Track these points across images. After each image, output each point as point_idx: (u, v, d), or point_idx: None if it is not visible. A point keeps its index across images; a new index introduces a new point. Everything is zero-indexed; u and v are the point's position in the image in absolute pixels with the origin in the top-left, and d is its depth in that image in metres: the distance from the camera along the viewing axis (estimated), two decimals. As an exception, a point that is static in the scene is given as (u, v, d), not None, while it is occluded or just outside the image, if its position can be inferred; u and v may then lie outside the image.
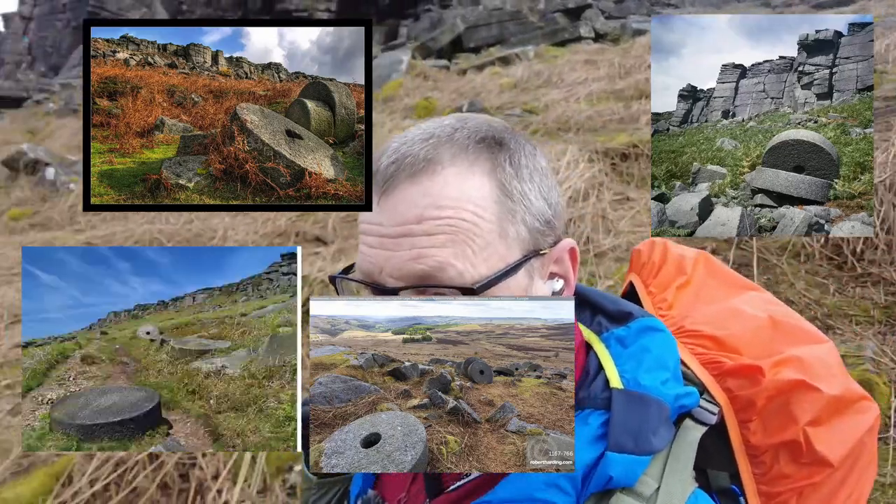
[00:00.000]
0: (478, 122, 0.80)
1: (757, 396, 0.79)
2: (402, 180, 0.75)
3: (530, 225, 0.77)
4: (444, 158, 0.75)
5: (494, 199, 0.75)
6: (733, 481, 0.81)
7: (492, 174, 0.76)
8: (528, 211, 0.77)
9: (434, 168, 0.74)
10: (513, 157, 0.77)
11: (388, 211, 0.75)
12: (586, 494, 0.70)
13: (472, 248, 0.73)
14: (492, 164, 0.76)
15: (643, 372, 0.77)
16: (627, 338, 0.82)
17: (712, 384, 0.82)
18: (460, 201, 0.73)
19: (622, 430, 0.71)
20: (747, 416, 0.80)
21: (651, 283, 1.00)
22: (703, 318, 0.90)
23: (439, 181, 0.74)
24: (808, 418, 0.77)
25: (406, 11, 32.86)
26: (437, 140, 0.76)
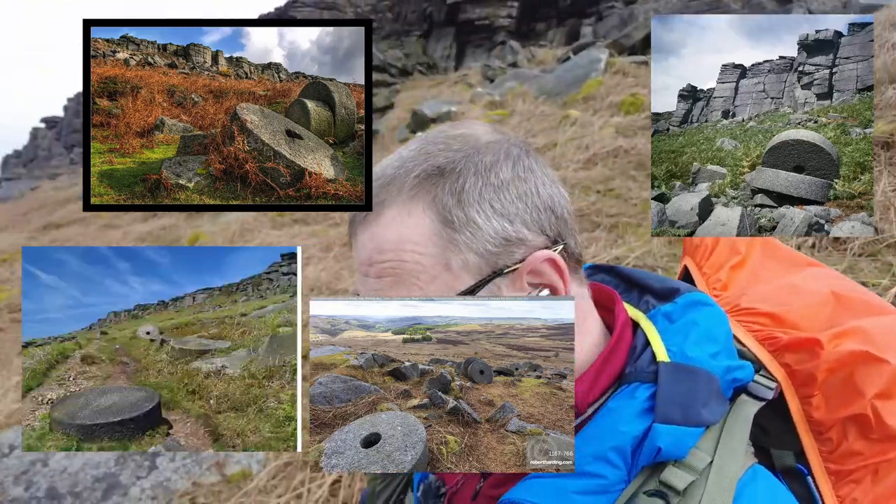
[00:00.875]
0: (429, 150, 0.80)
1: (817, 370, 0.77)
2: (357, 223, 0.81)
3: (479, 249, 0.76)
4: (385, 200, 0.78)
5: (434, 233, 0.76)
6: (798, 460, 0.79)
7: (431, 207, 0.76)
8: (474, 237, 0.76)
9: (378, 211, 0.79)
10: (455, 184, 0.77)
11: (355, 252, 0.82)
12: (638, 467, 0.69)
13: (417, 285, 0.75)
14: (430, 197, 0.77)
15: (690, 345, 0.76)
16: (674, 313, 0.82)
17: (769, 360, 0.81)
18: (399, 243, 0.76)
19: (669, 402, 0.71)
20: (808, 390, 0.78)
21: (704, 265, 0.99)
22: (760, 296, 0.89)
23: (382, 225, 0.78)
24: (876, 391, 0.74)
25: (587, 10, 33.30)
26: (383, 181, 0.80)
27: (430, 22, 41.29)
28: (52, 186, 28.04)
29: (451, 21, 39.98)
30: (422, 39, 41.72)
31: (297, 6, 41.33)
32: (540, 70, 13.67)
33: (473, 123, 0.86)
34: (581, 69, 10.36)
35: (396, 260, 0.76)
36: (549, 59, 17.93)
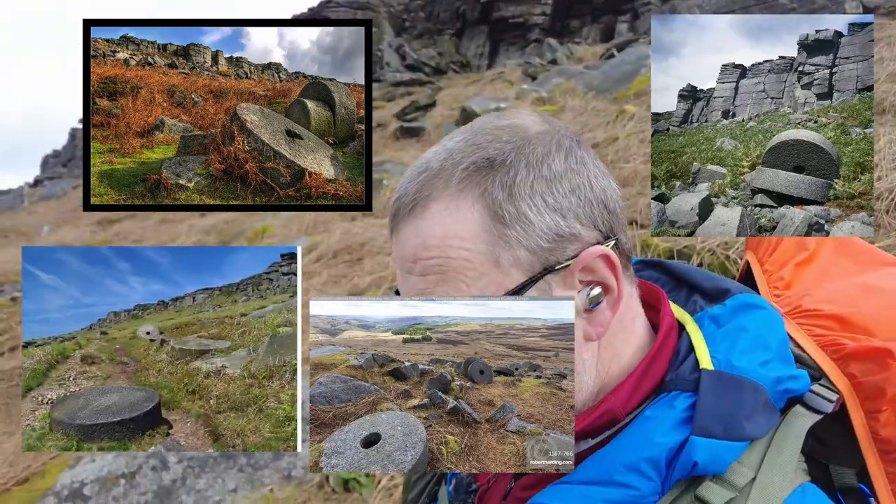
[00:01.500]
0: (478, 141, 0.76)
1: (886, 383, 0.71)
2: (402, 219, 0.77)
3: (531, 245, 0.73)
4: (431, 194, 0.75)
5: (483, 228, 0.73)
6: (861, 479, 0.73)
7: (480, 201, 0.73)
8: (525, 232, 0.73)
9: (424, 205, 0.75)
10: (505, 177, 0.74)
11: (397, 247, 0.78)
12: (672, 480, 0.66)
13: (464, 282, 0.73)
14: (480, 191, 0.74)
15: (738, 352, 0.71)
16: (722, 316, 0.77)
17: (832, 368, 0.75)
18: (446, 238, 0.73)
19: (709, 414, 0.67)
20: (876, 405, 0.71)
21: (766, 262, 0.92)
22: (827, 296, 0.82)
23: (427, 219, 0.74)
24: None
25: (623, 7, 33.48)
26: (428, 173, 0.76)
27: (462, 20, 41.54)
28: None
29: (485, 19, 40.23)
30: (454, 38, 41.92)
31: (330, 6, 41.50)
32: (583, 66, 13.64)
33: (521, 113, 0.82)
34: (629, 65, 10.43)
35: (443, 257, 0.73)
36: (588, 56, 17.85)
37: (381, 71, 34.87)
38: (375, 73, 36.30)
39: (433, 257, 0.73)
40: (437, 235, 0.73)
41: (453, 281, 0.73)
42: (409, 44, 40.18)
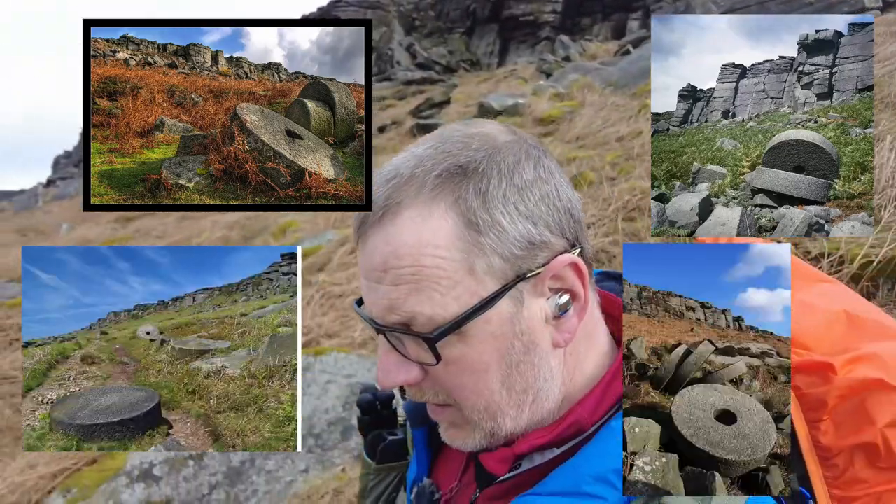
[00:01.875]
0: (448, 148, 0.76)
1: (828, 395, 0.75)
2: (370, 226, 0.75)
3: (505, 253, 0.73)
4: (402, 201, 0.73)
5: (458, 236, 0.72)
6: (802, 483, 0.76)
7: (454, 208, 0.73)
8: (499, 240, 0.73)
9: (395, 211, 0.73)
10: (479, 184, 0.74)
11: (364, 256, 0.77)
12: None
13: (438, 291, 0.72)
14: (453, 198, 0.73)
15: None
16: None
17: None
18: (418, 247, 0.72)
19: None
20: (817, 415, 0.76)
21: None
22: None
23: (399, 226, 0.73)
24: (888, 420, 0.73)
25: (634, 5, 33.55)
26: (399, 179, 0.75)
27: (473, 19, 41.72)
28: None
29: (495, 17, 40.41)
30: (465, 36, 42.07)
31: (340, 6, 41.65)
32: (598, 63, 13.62)
33: (486, 123, 0.82)
34: (645, 61, 10.52)
35: (416, 265, 0.72)
36: (601, 53, 17.86)
37: (392, 70, 34.90)
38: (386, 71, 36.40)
39: (405, 266, 0.72)
40: (410, 243, 0.72)
41: (426, 290, 0.72)
42: (420, 42, 40.30)
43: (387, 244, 0.73)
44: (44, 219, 17.81)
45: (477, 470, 0.85)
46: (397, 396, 1.19)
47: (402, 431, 1.13)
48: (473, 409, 0.76)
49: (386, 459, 1.12)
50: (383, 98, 22.41)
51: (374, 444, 1.14)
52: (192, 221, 11.31)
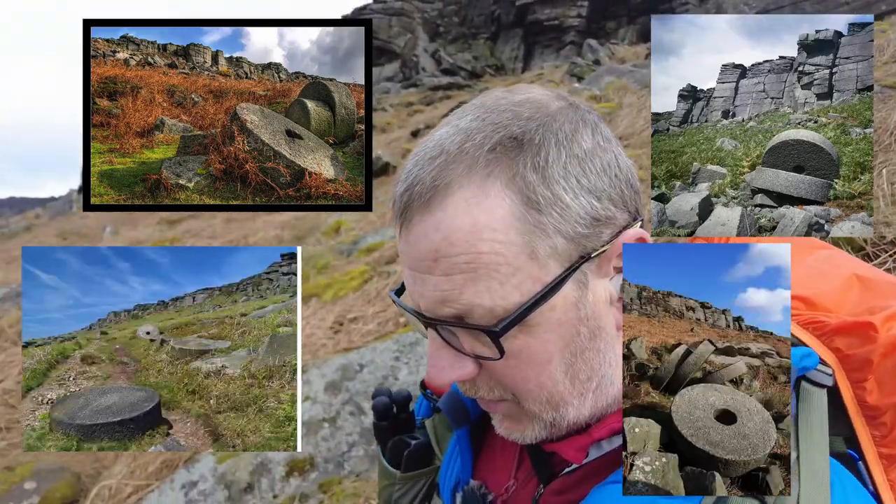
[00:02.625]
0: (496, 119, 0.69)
1: (872, 354, 0.74)
2: (416, 211, 0.67)
3: (568, 232, 0.67)
4: (452, 180, 0.66)
5: (517, 217, 0.65)
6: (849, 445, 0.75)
7: (510, 186, 0.66)
8: (562, 218, 0.66)
9: (444, 193, 0.66)
10: (536, 157, 0.67)
11: (410, 245, 0.69)
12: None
13: (497, 279, 0.65)
14: (510, 175, 0.66)
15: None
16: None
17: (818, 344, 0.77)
18: (474, 232, 0.65)
19: None
20: (862, 375, 0.75)
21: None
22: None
23: (450, 210, 0.65)
24: None
25: (660, 7, 33.57)
26: (446, 157, 0.67)
27: (497, 24, 42.04)
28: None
29: (519, 22, 40.68)
30: (489, 42, 42.26)
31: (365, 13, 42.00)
32: (631, 65, 13.60)
33: (531, 87, 0.74)
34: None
35: (472, 252, 0.64)
36: (629, 55, 17.82)
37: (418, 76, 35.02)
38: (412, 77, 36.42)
39: (459, 254, 0.65)
40: (464, 228, 0.65)
41: (484, 280, 0.65)
42: (444, 48, 40.50)
43: (437, 230, 0.66)
44: (83, 223, 17.71)
45: (536, 464, 0.80)
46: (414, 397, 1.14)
47: (422, 434, 1.04)
48: (535, 401, 0.70)
49: (413, 467, 1.02)
50: (410, 104, 22.53)
51: (396, 451, 1.05)
52: (241, 222, 11.31)
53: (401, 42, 40.50)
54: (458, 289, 0.65)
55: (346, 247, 7.39)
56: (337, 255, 7.11)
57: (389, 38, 40.71)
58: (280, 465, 3.35)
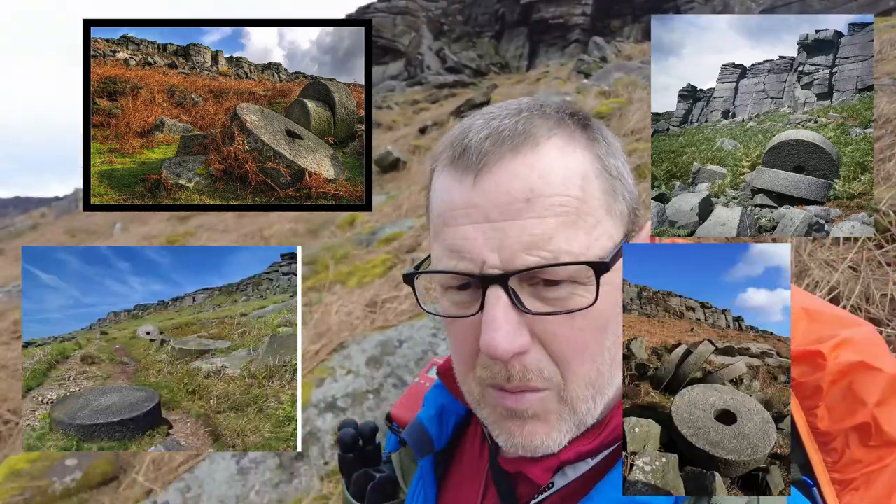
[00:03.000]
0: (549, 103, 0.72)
1: (822, 381, 0.76)
2: (504, 153, 0.65)
3: (629, 203, 0.71)
4: (541, 132, 0.66)
5: (597, 175, 0.68)
6: (804, 472, 0.78)
7: (590, 149, 0.68)
8: (625, 188, 0.70)
9: (535, 140, 0.66)
10: (600, 132, 0.71)
11: (487, 192, 0.65)
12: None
13: (584, 228, 0.65)
14: (587, 139, 0.69)
15: None
16: None
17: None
18: (567, 177, 0.65)
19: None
20: (813, 402, 0.77)
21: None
22: None
23: (543, 154, 0.65)
24: (875, 399, 0.75)
25: (664, 6, 33.59)
26: (530, 113, 0.68)
27: (501, 23, 42.23)
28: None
29: (524, 21, 40.83)
30: (493, 40, 42.37)
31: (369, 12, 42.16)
32: (639, 62, 13.66)
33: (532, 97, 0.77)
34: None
35: (566, 195, 0.64)
36: (636, 53, 17.97)
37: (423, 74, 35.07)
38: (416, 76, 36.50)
39: (556, 195, 0.64)
40: (558, 172, 0.65)
41: (573, 227, 0.64)
42: (449, 47, 40.62)
43: (532, 169, 0.64)
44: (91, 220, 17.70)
45: (502, 495, 0.79)
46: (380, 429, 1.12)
47: (389, 468, 1.02)
48: (580, 382, 0.68)
49: (377, 500, 1.00)
50: (416, 102, 22.63)
51: (361, 484, 1.03)
52: (254, 217, 11.30)
53: (405, 40, 40.65)
54: (550, 232, 0.63)
55: (365, 237, 7.44)
56: (356, 246, 7.16)
57: (394, 36, 40.83)
58: (328, 434, 3.47)
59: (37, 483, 3.57)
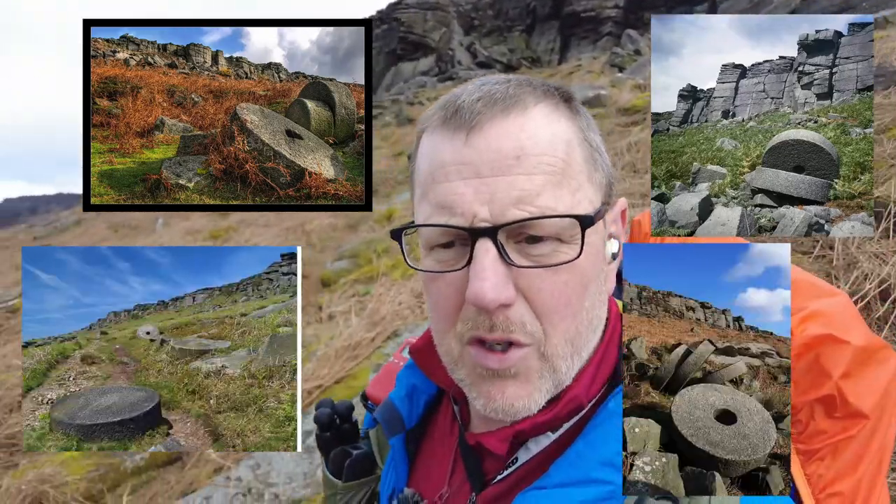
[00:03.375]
0: (529, 80, 0.76)
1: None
2: (492, 116, 0.69)
3: (606, 175, 0.75)
4: (529, 99, 0.71)
5: (579, 143, 0.72)
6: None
7: (573, 120, 0.73)
8: (603, 161, 0.75)
9: (524, 105, 0.70)
10: (581, 108, 0.76)
11: (479, 146, 0.68)
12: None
13: (568, 189, 0.69)
14: (571, 112, 0.73)
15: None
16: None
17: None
18: (554, 141, 0.69)
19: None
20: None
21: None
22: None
23: (531, 117, 0.69)
24: (840, 372, 0.76)
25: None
26: (518, 83, 0.73)
27: (532, 16, 42.16)
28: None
29: (555, 14, 40.75)
30: (524, 34, 42.23)
31: (399, 8, 42.07)
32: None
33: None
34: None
35: (553, 156, 0.68)
36: None
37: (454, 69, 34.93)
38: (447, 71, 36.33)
39: (543, 154, 0.68)
40: (545, 136, 0.69)
41: (559, 187, 0.67)
42: (479, 41, 40.47)
43: (522, 130, 0.68)
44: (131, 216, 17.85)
45: (469, 470, 0.81)
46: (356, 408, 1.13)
47: (366, 444, 1.05)
48: (561, 339, 0.70)
49: (353, 476, 1.03)
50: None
51: (338, 462, 1.05)
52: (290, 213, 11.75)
53: (436, 36, 40.58)
54: (538, 189, 0.66)
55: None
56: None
57: (424, 32, 40.76)
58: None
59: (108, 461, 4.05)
